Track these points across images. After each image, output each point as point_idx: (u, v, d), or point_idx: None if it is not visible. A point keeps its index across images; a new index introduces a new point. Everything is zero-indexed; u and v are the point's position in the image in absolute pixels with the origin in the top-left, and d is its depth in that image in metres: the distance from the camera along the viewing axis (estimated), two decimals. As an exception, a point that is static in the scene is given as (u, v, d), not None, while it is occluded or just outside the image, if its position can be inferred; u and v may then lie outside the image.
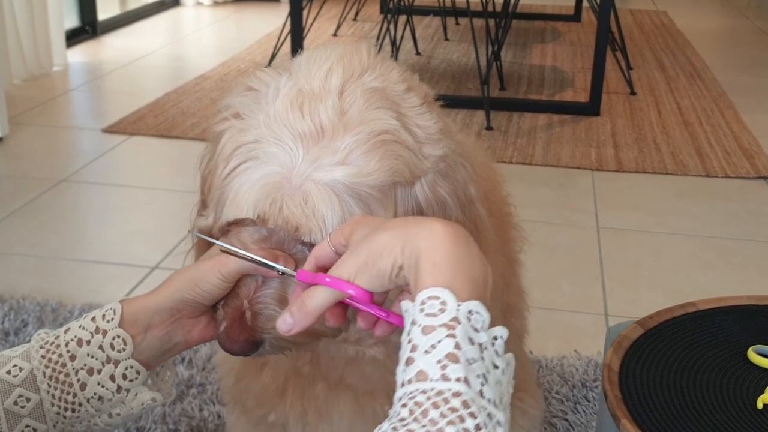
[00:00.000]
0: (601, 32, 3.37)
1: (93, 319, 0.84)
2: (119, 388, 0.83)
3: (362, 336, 0.93)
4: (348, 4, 4.83)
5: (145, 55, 4.23)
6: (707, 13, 5.84)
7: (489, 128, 3.21)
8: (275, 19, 4.95)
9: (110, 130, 3.12)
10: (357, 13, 5.09)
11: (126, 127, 3.14)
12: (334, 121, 0.80)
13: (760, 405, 0.92)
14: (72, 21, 4.41)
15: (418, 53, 4.31)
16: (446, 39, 4.64)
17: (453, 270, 0.66)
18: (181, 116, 3.26)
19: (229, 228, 0.86)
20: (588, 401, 1.64)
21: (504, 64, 3.97)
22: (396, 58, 3.79)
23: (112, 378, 0.83)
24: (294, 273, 0.78)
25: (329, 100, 0.81)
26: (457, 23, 4.94)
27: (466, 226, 0.87)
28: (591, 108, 3.42)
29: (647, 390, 0.94)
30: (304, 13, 3.66)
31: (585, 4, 4.79)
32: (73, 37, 4.32)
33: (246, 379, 1.05)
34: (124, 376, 0.83)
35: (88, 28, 4.50)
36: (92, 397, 0.82)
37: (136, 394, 0.84)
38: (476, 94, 3.49)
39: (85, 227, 2.40)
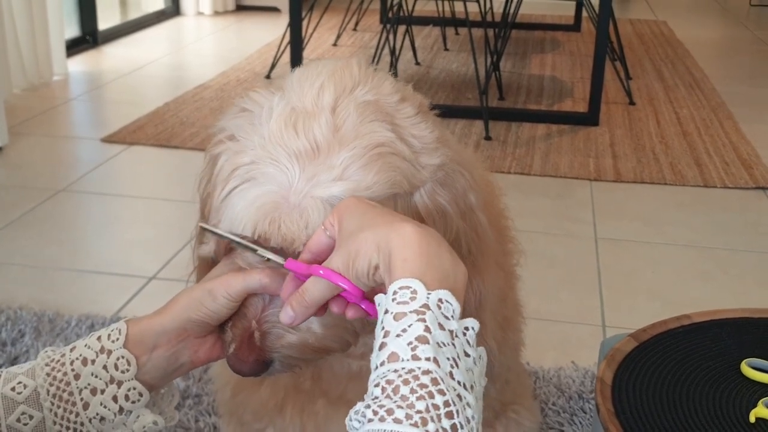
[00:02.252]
0: (600, 42, 3.37)
1: (99, 338, 0.84)
2: (121, 409, 0.83)
3: (366, 351, 0.93)
4: (348, 14, 4.85)
5: (145, 65, 4.24)
6: (707, 23, 5.85)
7: (488, 138, 3.21)
8: (275, 29, 4.96)
9: (109, 139, 3.13)
10: (357, 23, 5.10)
11: (125, 137, 3.15)
12: (328, 137, 0.80)
13: (752, 419, 0.92)
14: (72, 30, 4.43)
15: (417, 63, 4.32)
16: (446, 49, 4.65)
17: (423, 263, 0.68)
18: (180, 126, 3.27)
19: (233, 248, 0.86)
20: (584, 413, 1.63)
21: (503, 74, 3.98)
22: (395, 68, 3.81)
23: (115, 399, 0.82)
24: (282, 262, 0.78)
25: (322, 117, 0.81)
26: (457, 33, 4.95)
27: (467, 234, 0.87)
28: (590, 118, 3.42)
29: (640, 403, 0.94)
30: (304, 23, 3.67)
31: (585, 14, 4.81)
32: (74, 47, 4.33)
33: (243, 394, 1.05)
34: (127, 397, 0.83)
35: (88, 38, 4.52)
36: (94, 417, 0.82)
37: (138, 417, 0.84)
38: (475, 104, 3.49)
39: (84, 237, 2.40)
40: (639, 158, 3.07)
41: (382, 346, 0.65)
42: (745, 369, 1.00)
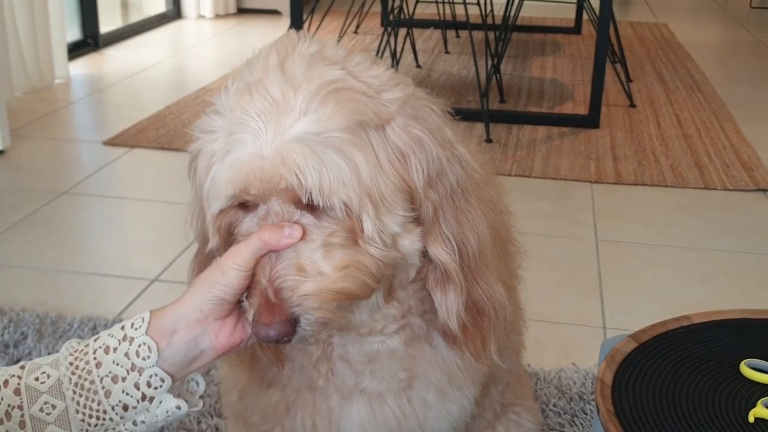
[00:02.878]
0: (601, 44, 3.38)
1: (122, 327, 0.85)
2: (144, 396, 0.83)
3: (386, 323, 0.94)
4: (349, 17, 4.85)
5: (146, 68, 4.25)
6: (707, 25, 5.85)
7: (488, 141, 3.22)
8: (276, 32, 4.97)
9: (111, 142, 3.14)
10: (358, 26, 5.11)
11: (127, 140, 3.15)
12: (283, 89, 0.83)
13: (751, 419, 0.93)
14: (74, 34, 4.44)
15: (418, 66, 4.32)
16: (446, 52, 4.65)
17: None
18: (182, 128, 3.27)
19: (233, 233, 0.87)
20: (585, 414, 1.64)
21: (504, 77, 3.99)
22: (396, 70, 3.81)
23: (137, 386, 0.83)
24: None
25: (272, 75, 0.85)
26: (458, 36, 4.96)
27: (451, 165, 0.88)
28: (590, 120, 3.43)
29: (640, 404, 0.95)
30: (305, 26, 3.68)
31: (585, 16, 4.81)
32: (75, 50, 4.35)
33: (250, 396, 1.05)
34: (149, 384, 0.83)
35: (90, 41, 4.53)
36: (117, 405, 0.82)
37: (160, 402, 0.84)
38: (476, 106, 3.50)
39: (86, 239, 2.41)
40: (639, 160, 3.08)
41: None
42: (745, 369, 1.00)
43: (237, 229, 0.87)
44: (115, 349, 0.83)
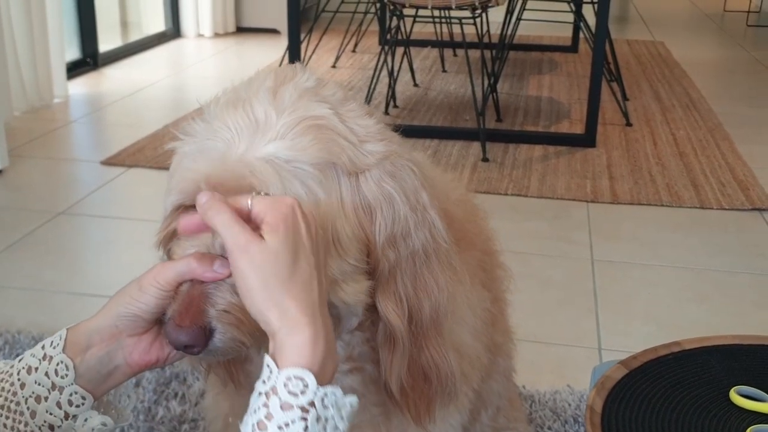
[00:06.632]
0: (596, 63, 3.40)
1: (43, 346, 0.84)
2: (67, 414, 0.83)
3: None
4: (347, 36, 4.88)
5: (145, 87, 4.27)
6: (704, 43, 5.88)
7: (485, 159, 3.23)
8: (275, 51, 4.99)
9: (109, 162, 3.15)
10: (356, 45, 5.14)
11: (125, 159, 3.16)
12: (267, 110, 0.84)
13: (741, 447, 0.93)
14: (73, 53, 4.46)
15: (416, 84, 4.34)
16: (444, 70, 4.68)
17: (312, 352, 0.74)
18: (179, 148, 3.28)
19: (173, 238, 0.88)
20: (580, 437, 1.64)
21: (501, 95, 4.01)
22: (394, 89, 3.84)
23: (59, 405, 0.83)
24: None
25: (261, 96, 0.85)
26: (455, 54, 4.98)
27: (417, 229, 0.88)
28: (586, 139, 3.44)
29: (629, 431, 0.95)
30: (304, 44, 3.70)
31: (582, 35, 4.84)
32: (74, 69, 4.36)
33: (235, 424, 1.05)
34: (70, 402, 0.83)
35: (89, 60, 4.55)
36: (43, 425, 0.82)
37: (85, 420, 0.84)
38: (473, 125, 3.52)
39: (83, 260, 2.42)
40: (636, 179, 3.09)
41: (261, 426, 0.72)
42: (734, 397, 1.01)
43: (174, 245, 0.86)
44: (36, 369, 0.83)
